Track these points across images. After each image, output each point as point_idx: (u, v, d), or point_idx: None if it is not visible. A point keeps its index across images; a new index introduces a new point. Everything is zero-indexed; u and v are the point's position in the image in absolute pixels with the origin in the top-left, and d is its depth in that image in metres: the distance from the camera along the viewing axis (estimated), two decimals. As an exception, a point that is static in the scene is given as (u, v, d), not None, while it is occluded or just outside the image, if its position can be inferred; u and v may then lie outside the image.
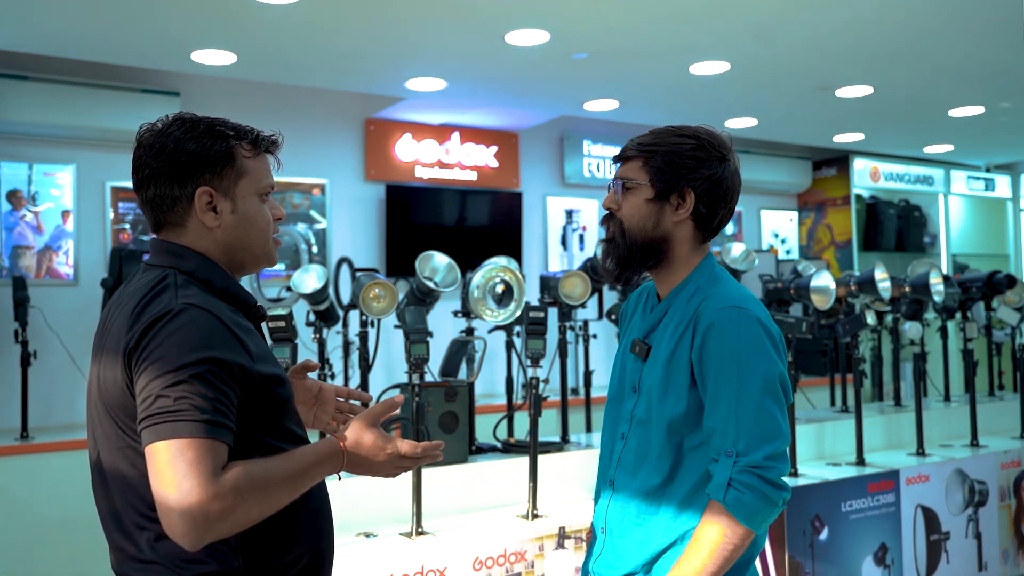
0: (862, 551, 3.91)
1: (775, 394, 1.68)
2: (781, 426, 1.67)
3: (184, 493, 1.31)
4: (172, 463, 1.32)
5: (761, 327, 1.71)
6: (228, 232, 1.56)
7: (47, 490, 4.46)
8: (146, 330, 1.42)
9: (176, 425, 1.33)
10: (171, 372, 1.36)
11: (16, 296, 4.69)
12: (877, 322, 4.89)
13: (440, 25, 4.38)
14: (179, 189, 1.53)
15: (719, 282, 1.80)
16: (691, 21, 4.42)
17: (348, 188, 6.26)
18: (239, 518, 1.37)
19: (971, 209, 9.31)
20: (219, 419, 1.37)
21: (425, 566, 2.82)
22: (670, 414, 1.74)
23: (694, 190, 1.76)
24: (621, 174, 1.83)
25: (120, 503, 1.49)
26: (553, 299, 3.75)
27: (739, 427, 1.65)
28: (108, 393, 1.48)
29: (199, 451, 1.33)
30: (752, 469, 1.63)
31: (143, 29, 4.35)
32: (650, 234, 1.78)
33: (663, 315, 1.82)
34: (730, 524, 1.63)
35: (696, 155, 1.77)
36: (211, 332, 1.42)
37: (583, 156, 7.23)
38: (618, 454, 1.84)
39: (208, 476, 1.32)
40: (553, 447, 3.58)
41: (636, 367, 1.84)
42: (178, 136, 1.53)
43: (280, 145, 1.63)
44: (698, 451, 1.74)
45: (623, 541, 1.80)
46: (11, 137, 5.13)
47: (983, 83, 5.83)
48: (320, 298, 3.99)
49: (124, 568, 1.50)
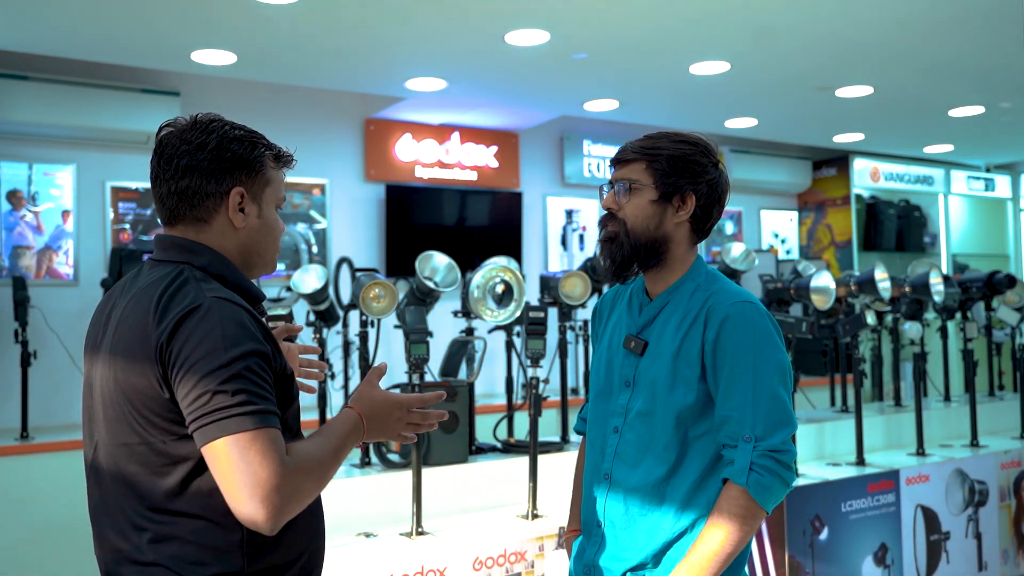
0: (862, 551, 3.91)
1: (785, 382, 1.78)
2: (791, 413, 1.77)
3: (263, 481, 1.36)
4: (245, 455, 1.37)
5: (769, 321, 1.81)
6: (250, 235, 1.61)
7: (47, 490, 4.46)
8: (178, 324, 1.43)
9: (241, 419, 1.38)
10: (223, 367, 1.40)
11: (16, 296, 4.69)
12: (877, 322, 4.89)
13: (440, 25, 4.38)
14: (215, 185, 1.56)
15: (719, 280, 1.89)
16: (691, 21, 4.42)
17: (348, 188, 6.26)
18: (305, 496, 1.43)
19: (971, 209, 9.31)
20: (272, 408, 1.43)
21: (425, 566, 2.82)
22: (679, 405, 1.79)
23: (695, 193, 1.85)
24: (624, 175, 1.88)
25: (119, 503, 1.49)
26: (553, 299, 3.75)
27: (756, 413, 1.72)
28: (132, 388, 1.47)
29: (266, 440, 1.38)
30: (771, 453, 1.70)
31: (143, 29, 4.35)
32: (652, 234, 1.85)
33: (658, 312, 1.88)
34: (749, 505, 1.70)
35: (698, 160, 1.85)
36: (243, 323, 1.46)
37: (583, 156, 7.23)
38: (613, 447, 1.87)
39: (280, 461, 1.38)
40: (553, 447, 3.58)
41: (630, 362, 1.88)
42: (223, 135, 1.57)
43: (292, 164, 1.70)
44: (702, 440, 1.80)
45: (627, 533, 1.82)
46: (11, 137, 5.13)
47: (983, 83, 5.83)
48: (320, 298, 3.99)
49: (122, 570, 1.49)
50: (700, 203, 1.85)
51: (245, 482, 1.36)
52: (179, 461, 1.45)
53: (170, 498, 1.45)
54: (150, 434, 1.46)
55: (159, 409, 1.45)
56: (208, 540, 1.45)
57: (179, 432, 1.45)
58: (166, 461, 1.46)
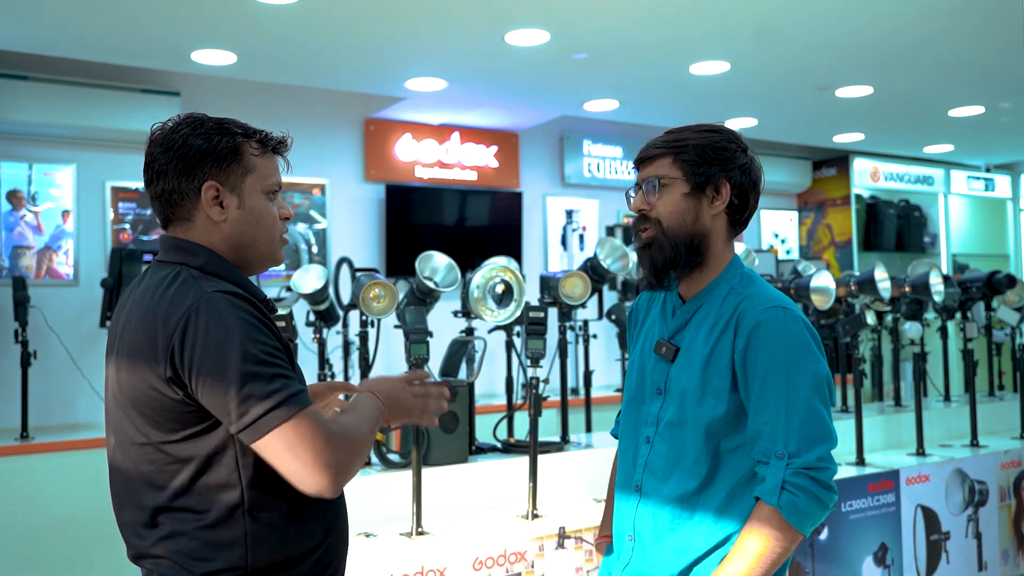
0: (862, 551, 3.91)
1: (823, 395, 1.66)
2: (830, 427, 1.65)
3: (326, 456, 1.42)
4: (302, 437, 1.41)
5: (805, 327, 1.69)
6: (234, 227, 1.59)
7: (47, 490, 4.46)
8: (186, 325, 1.43)
9: (280, 412, 1.41)
10: (242, 360, 1.41)
11: (16, 296, 4.69)
12: (877, 322, 4.88)
13: (440, 25, 4.38)
14: (187, 183, 1.55)
15: (754, 282, 1.78)
16: (691, 21, 4.42)
17: (348, 188, 6.26)
18: (357, 461, 1.50)
19: (971, 209, 9.30)
20: (300, 386, 1.47)
21: (425, 566, 2.82)
22: (708, 417, 1.70)
23: (729, 181, 1.75)
24: (651, 173, 1.78)
25: (134, 499, 1.52)
26: (553, 299, 3.75)
27: (789, 428, 1.62)
28: (132, 392, 1.49)
29: (313, 418, 1.43)
30: (805, 471, 1.60)
31: (143, 29, 4.35)
32: (690, 229, 1.75)
33: (691, 316, 1.78)
34: (782, 527, 1.60)
35: (727, 146, 1.76)
36: (249, 313, 1.48)
37: (583, 156, 7.22)
38: (644, 458, 1.79)
39: (331, 434, 1.44)
40: (553, 447, 3.58)
41: (661, 368, 1.79)
42: (187, 133, 1.56)
43: (288, 146, 1.67)
44: (735, 453, 1.71)
45: (656, 548, 1.75)
46: (11, 137, 5.13)
47: (983, 83, 5.83)
48: (320, 298, 3.99)
49: (139, 562, 1.55)
50: (735, 191, 1.75)
51: (307, 461, 1.41)
52: (185, 460, 1.47)
53: (178, 496, 1.48)
54: (155, 435, 1.48)
55: (166, 411, 1.46)
56: (211, 536, 1.47)
57: (184, 433, 1.46)
58: (172, 460, 1.48)
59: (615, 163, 7.36)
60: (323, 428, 1.43)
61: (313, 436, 1.41)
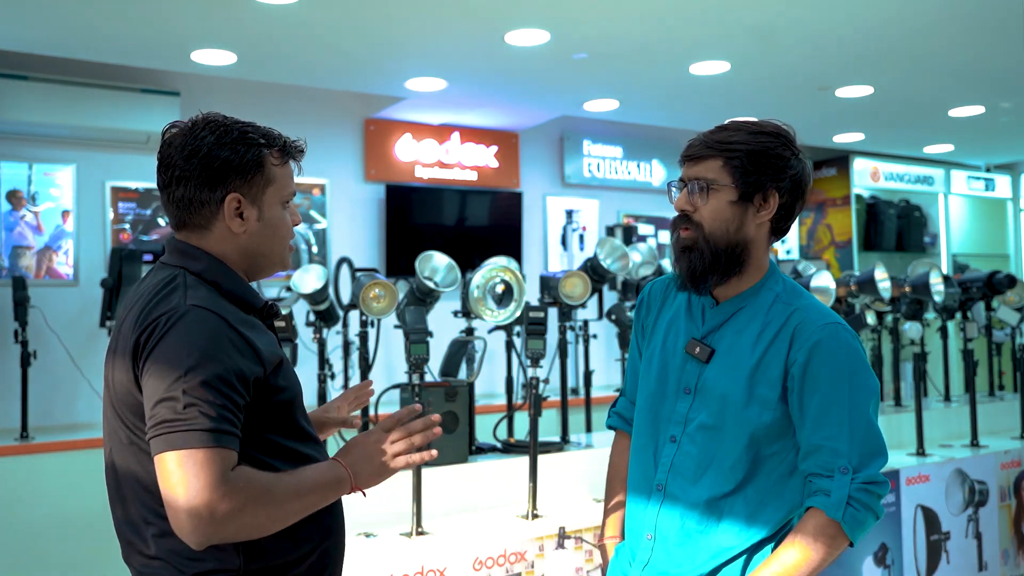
0: (862, 551, 3.91)
1: (877, 410, 1.70)
2: (884, 441, 1.68)
3: (193, 493, 1.34)
4: (182, 466, 1.35)
5: (859, 344, 1.70)
6: (252, 239, 1.58)
7: (47, 490, 4.46)
8: (152, 329, 1.43)
9: (186, 435, 1.36)
10: (179, 378, 1.38)
11: (16, 296, 4.69)
12: (877, 322, 4.89)
13: (440, 25, 4.38)
14: (209, 193, 1.54)
15: (801, 294, 1.75)
16: (691, 21, 4.42)
17: (348, 188, 6.26)
18: (247, 521, 1.39)
19: (971, 209, 9.30)
20: (226, 427, 1.39)
21: (425, 566, 2.82)
22: (754, 425, 1.68)
23: (779, 191, 1.70)
24: (698, 174, 1.71)
25: (129, 500, 1.52)
26: (553, 299, 3.75)
27: (852, 443, 1.63)
28: (118, 392, 1.50)
29: (208, 457, 1.36)
30: (868, 486, 1.62)
31: (143, 29, 4.35)
32: (732, 238, 1.70)
33: (727, 318, 1.74)
34: (837, 536, 1.61)
35: (782, 154, 1.70)
36: (218, 335, 1.43)
37: (583, 156, 7.22)
38: (670, 458, 1.75)
39: (217, 477, 1.35)
40: (553, 447, 3.58)
41: (692, 368, 1.75)
42: (211, 141, 1.53)
43: (305, 152, 1.66)
44: (772, 459, 1.70)
45: (681, 549, 1.72)
46: (11, 137, 5.13)
47: (983, 83, 5.83)
48: (320, 298, 4.00)
49: (132, 561, 1.54)
50: (783, 200, 1.69)
51: (177, 492, 1.35)
52: None
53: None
54: (137, 436, 1.48)
55: (140, 411, 1.45)
56: None
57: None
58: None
59: (615, 163, 7.37)
60: (212, 474, 1.35)
61: (197, 476, 1.34)
